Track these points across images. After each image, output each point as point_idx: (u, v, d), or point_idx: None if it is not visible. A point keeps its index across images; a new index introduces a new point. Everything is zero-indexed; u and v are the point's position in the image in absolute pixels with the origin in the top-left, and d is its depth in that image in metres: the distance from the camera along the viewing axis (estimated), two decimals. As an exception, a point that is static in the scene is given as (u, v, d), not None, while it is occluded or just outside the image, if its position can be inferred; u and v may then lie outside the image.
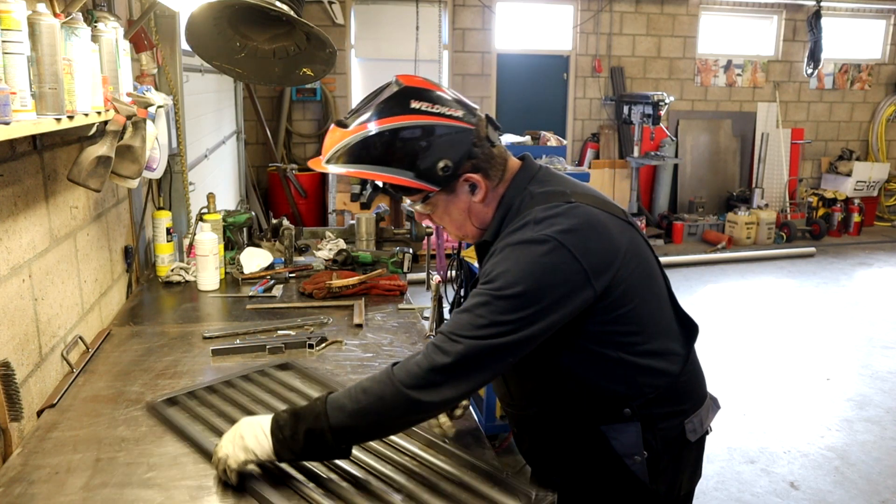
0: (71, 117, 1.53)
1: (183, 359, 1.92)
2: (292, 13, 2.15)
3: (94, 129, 1.94)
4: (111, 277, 2.36)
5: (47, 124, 1.43)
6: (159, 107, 2.27)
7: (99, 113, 1.74)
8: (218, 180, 5.21)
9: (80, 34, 1.59)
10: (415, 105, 1.27)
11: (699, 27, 8.67)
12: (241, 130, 6.84)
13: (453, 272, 3.69)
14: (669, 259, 7.33)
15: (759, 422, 3.89)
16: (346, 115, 1.34)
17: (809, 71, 8.89)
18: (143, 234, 2.74)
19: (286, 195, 7.00)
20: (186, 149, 3.21)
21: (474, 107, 1.34)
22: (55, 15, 1.49)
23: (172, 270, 2.63)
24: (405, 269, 2.77)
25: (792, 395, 4.24)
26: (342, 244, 2.96)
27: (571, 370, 1.34)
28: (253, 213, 2.99)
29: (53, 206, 1.86)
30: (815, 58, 8.76)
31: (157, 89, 2.70)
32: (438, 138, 1.27)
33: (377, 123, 1.27)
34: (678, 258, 7.38)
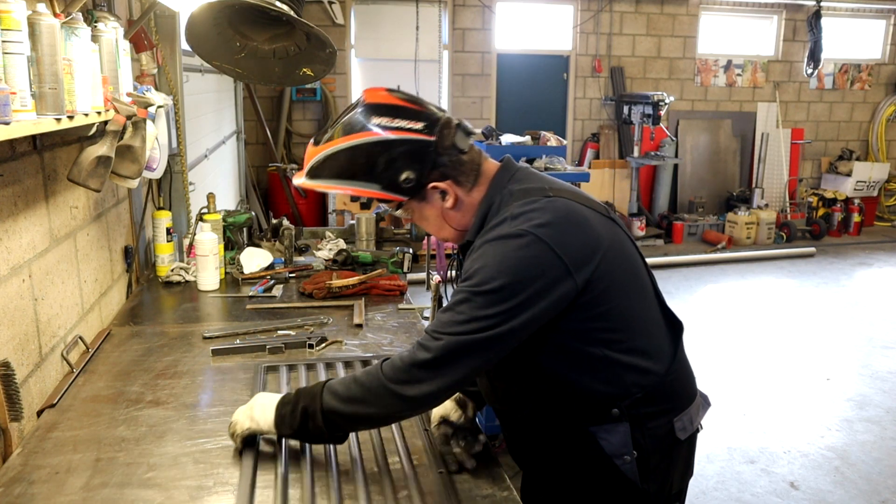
0: (71, 117, 1.53)
1: (183, 359, 1.92)
2: (292, 13, 2.15)
3: (94, 129, 1.94)
4: (111, 277, 2.36)
5: (47, 124, 1.43)
6: (159, 107, 2.27)
7: (99, 113, 1.74)
8: (218, 180, 5.21)
9: (80, 34, 1.59)
10: (375, 121, 1.33)
11: (699, 27, 8.67)
12: (241, 130, 6.84)
13: (453, 272, 3.69)
14: (669, 259, 7.34)
15: (759, 422, 3.89)
16: (319, 133, 1.42)
17: (809, 71, 8.89)
18: (143, 234, 2.74)
19: (286, 195, 7.00)
20: (186, 149, 3.21)
21: (439, 116, 1.37)
22: (55, 15, 1.49)
23: (172, 270, 2.63)
24: (405, 269, 2.77)
25: (792, 395, 4.24)
26: (342, 244, 2.97)
27: (557, 370, 1.34)
28: (253, 213, 2.99)
29: (53, 206, 1.86)
30: (815, 58, 8.76)
31: (157, 89, 2.70)
32: (398, 152, 1.33)
33: (341, 141, 1.35)
34: (678, 258, 7.38)
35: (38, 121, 1.40)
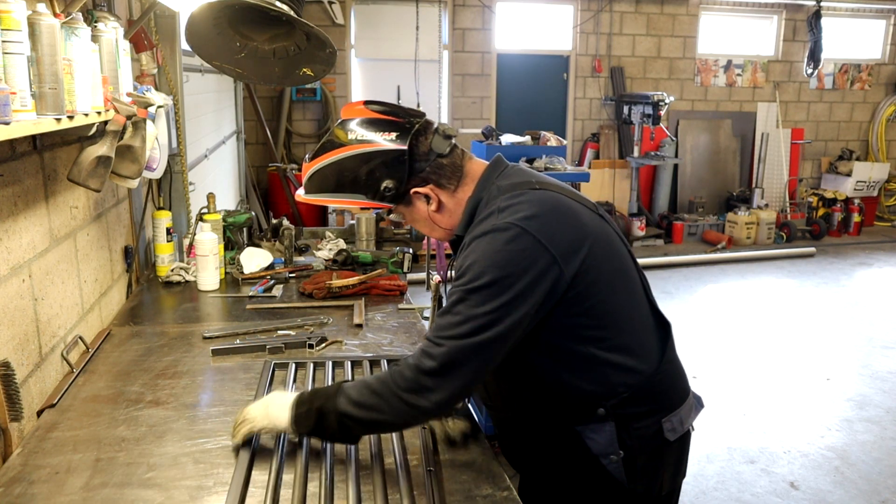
0: (71, 117, 1.53)
1: (183, 359, 1.92)
2: (292, 13, 2.14)
3: (94, 129, 1.93)
4: (111, 277, 2.36)
5: (47, 124, 1.43)
6: (159, 107, 2.27)
7: (99, 113, 1.74)
8: (218, 180, 5.21)
9: (80, 34, 1.59)
10: (351, 136, 1.41)
11: (699, 27, 8.67)
12: (241, 130, 6.84)
13: (453, 272, 3.69)
14: (669, 259, 7.34)
15: (759, 422, 3.89)
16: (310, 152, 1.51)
17: (809, 71, 8.89)
18: (143, 234, 2.74)
19: (286, 195, 7.00)
20: (186, 149, 3.21)
21: (416, 121, 1.41)
22: (55, 15, 1.49)
23: (172, 270, 2.64)
24: (405, 269, 2.77)
25: (792, 395, 4.25)
26: (342, 244, 2.97)
27: (543, 369, 1.34)
28: (253, 213, 2.99)
29: (53, 206, 1.86)
30: (815, 58, 8.76)
31: (157, 89, 2.70)
32: (376, 163, 1.39)
33: (325, 157, 1.44)
34: (678, 258, 7.38)
35: (38, 121, 1.40)
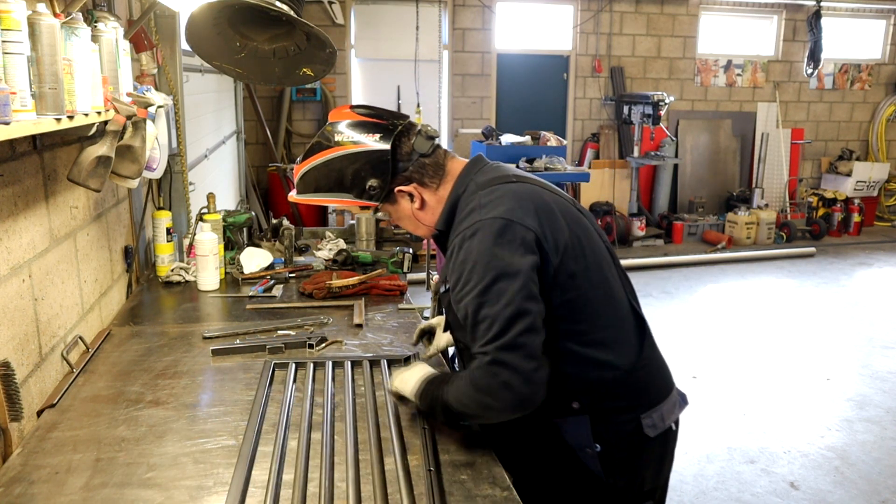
0: (71, 117, 1.53)
1: (183, 359, 1.92)
2: (292, 13, 2.14)
3: (94, 129, 1.93)
4: (111, 277, 2.36)
5: (47, 124, 1.43)
6: (159, 107, 2.27)
7: (99, 113, 1.74)
8: (218, 180, 5.21)
9: (80, 34, 1.59)
10: (337, 138, 1.50)
11: (699, 27, 8.66)
12: (241, 130, 6.84)
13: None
14: (669, 259, 7.34)
15: (759, 422, 3.89)
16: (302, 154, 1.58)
17: (809, 71, 8.89)
18: (143, 234, 2.74)
19: (286, 195, 6.99)
20: (186, 149, 3.21)
21: (399, 123, 1.49)
22: (55, 15, 1.49)
23: (172, 270, 2.64)
24: (405, 269, 2.77)
25: (792, 395, 4.24)
26: (342, 244, 2.97)
27: None
28: (253, 213, 2.99)
29: (53, 206, 1.86)
30: (815, 58, 8.76)
31: (157, 89, 2.70)
32: (361, 163, 1.47)
33: (313, 159, 1.52)
34: (678, 258, 7.38)
35: (38, 121, 1.40)
